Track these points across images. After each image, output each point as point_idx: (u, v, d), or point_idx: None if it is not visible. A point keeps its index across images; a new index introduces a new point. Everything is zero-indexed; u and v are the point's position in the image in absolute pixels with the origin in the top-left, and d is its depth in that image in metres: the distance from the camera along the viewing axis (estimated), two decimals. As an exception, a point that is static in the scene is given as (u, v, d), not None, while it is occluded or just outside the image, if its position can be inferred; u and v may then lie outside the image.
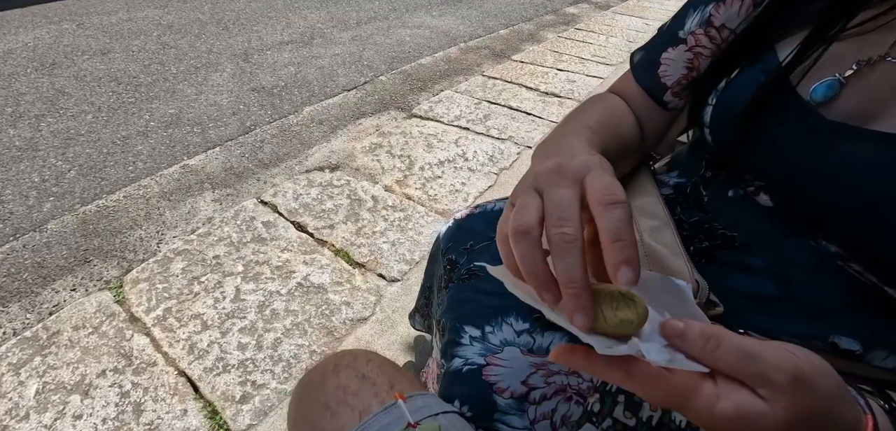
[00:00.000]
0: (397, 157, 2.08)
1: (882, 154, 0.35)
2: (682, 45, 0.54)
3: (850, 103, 0.38)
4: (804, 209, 0.41)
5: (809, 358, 0.27)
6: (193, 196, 1.80)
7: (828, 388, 0.27)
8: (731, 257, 0.45)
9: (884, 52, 0.37)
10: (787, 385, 0.25)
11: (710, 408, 0.26)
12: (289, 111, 2.51)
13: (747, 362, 0.26)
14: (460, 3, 5.37)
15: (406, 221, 1.70)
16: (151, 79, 2.79)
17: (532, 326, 0.53)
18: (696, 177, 0.52)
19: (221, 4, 4.46)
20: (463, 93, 2.83)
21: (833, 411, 0.27)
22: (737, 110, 0.44)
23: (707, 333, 0.27)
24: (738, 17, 0.50)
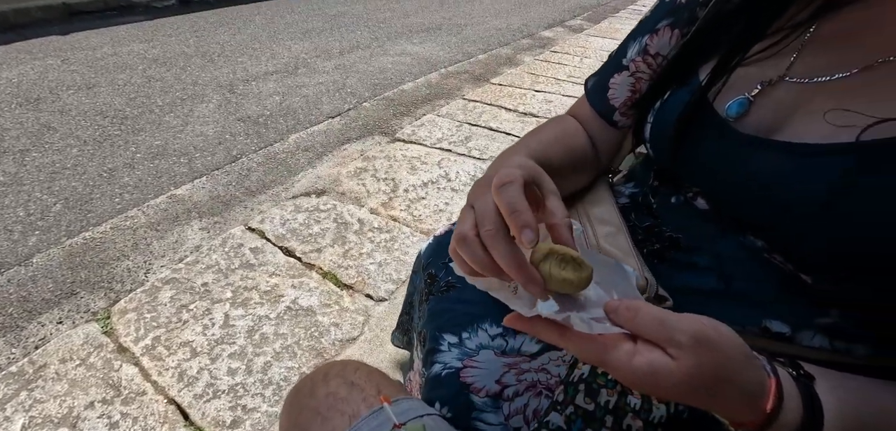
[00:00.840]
0: (382, 181, 2.10)
1: (786, 161, 0.40)
2: (626, 70, 0.60)
3: (758, 118, 0.43)
4: (732, 210, 0.45)
5: (715, 326, 0.31)
6: (181, 225, 1.78)
7: (729, 350, 0.31)
8: (678, 257, 0.49)
9: (781, 73, 0.43)
10: (690, 345, 0.29)
11: (628, 362, 0.31)
12: (274, 139, 2.52)
13: (659, 326, 0.30)
14: (440, 31, 5.47)
15: (392, 242, 1.71)
16: (137, 111, 2.77)
17: (505, 330, 0.56)
18: (646, 186, 0.56)
19: (206, 37, 4.48)
20: (444, 117, 2.88)
21: (735, 370, 0.31)
22: (669, 128, 0.49)
23: (631, 306, 0.32)
24: (668, 46, 0.56)
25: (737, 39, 0.46)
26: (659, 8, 0.58)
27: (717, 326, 0.31)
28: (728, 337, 0.31)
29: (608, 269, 0.38)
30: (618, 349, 0.31)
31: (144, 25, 4.85)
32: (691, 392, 0.30)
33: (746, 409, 0.32)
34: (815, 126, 0.39)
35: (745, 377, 0.31)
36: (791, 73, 0.43)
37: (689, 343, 0.30)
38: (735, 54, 0.46)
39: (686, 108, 0.47)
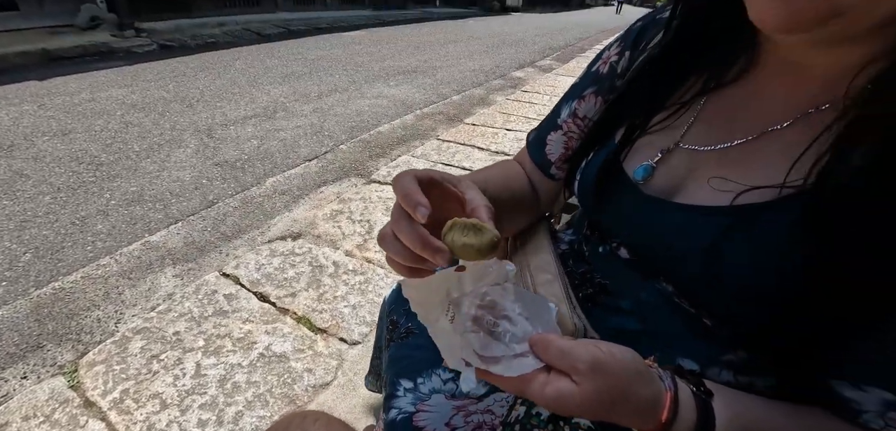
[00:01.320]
0: (357, 222, 2.11)
1: (681, 219, 0.44)
2: (560, 130, 0.65)
3: (660, 181, 0.48)
4: (646, 260, 0.50)
5: (611, 350, 0.35)
6: (154, 273, 1.76)
7: (622, 372, 0.35)
8: (607, 301, 0.53)
9: (677, 140, 0.49)
10: (587, 371, 0.34)
11: (541, 392, 0.36)
12: (252, 183, 2.52)
13: (563, 357, 0.35)
14: (416, 73, 5.59)
15: (366, 284, 1.71)
16: (113, 157, 2.74)
17: (455, 374, 0.59)
18: (581, 235, 0.61)
19: (186, 82, 4.48)
20: (419, 158, 2.93)
21: (628, 388, 0.35)
22: (591, 185, 0.54)
23: (544, 341, 0.37)
24: (593, 110, 0.62)
25: (642, 110, 0.53)
26: (586, 76, 0.64)
27: (612, 352, 0.36)
28: (621, 361, 0.36)
29: (535, 305, 0.41)
30: (534, 382, 0.36)
31: (124, 70, 4.84)
32: (593, 410, 0.35)
33: (643, 419, 0.36)
34: (702, 191, 0.44)
35: (639, 393, 0.36)
36: (684, 141, 0.48)
37: (586, 370, 0.34)
38: (641, 124, 0.52)
39: (601, 170, 0.53)
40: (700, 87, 0.49)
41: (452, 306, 0.40)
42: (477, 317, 0.39)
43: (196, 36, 6.94)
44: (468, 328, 0.39)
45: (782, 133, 0.41)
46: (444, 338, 0.39)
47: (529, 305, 0.41)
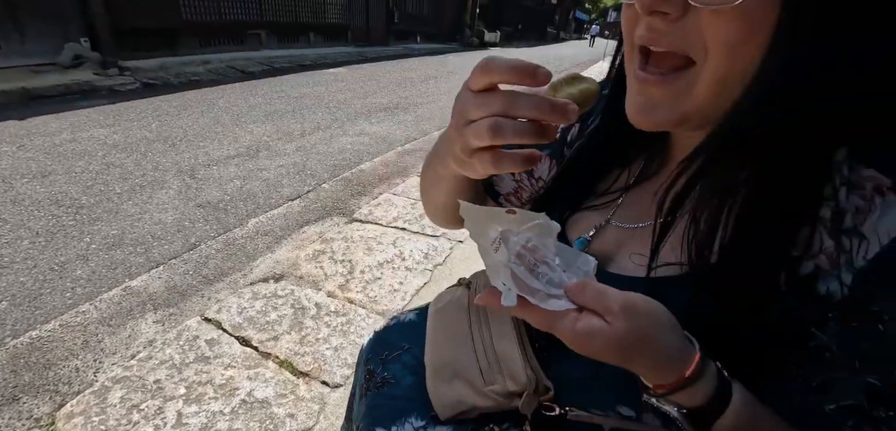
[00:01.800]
0: (339, 263, 2.13)
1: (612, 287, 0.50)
2: (509, 174, 0.67)
3: (596, 252, 0.52)
4: None
5: (646, 299, 0.37)
6: (135, 319, 1.74)
7: (656, 318, 0.37)
8: (558, 354, 0.55)
9: (608, 217, 0.54)
10: (620, 311, 0.35)
11: (572, 327, 0.36)
12: (234, 224, 2.52)
13: (597, 297, 0.36)
14: (397, 110, 5.69)
15: (348, 325, 1.72)
16: (94, 200, 2.72)
17: (428, 423, 0.61)
18: None
19: (169, 121, 4.48)
20: (400, 195, 2.97)
21: (659, 335, 0.36)
22: None
23: (581, 284, 0.38)
24: (547, 173, 0.65)
25: (580, 193, 0.58)
26: None
27: (647, 299, 0.37)
28: (656, 308, 0.37)
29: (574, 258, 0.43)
30: (565, 318, 0.36)
31: (106, 109, 4.81)
32: (620, 351, 0.36)
33: (665, 370, 0.37)
34: (627, 264, 0.49)
35: (667, 341, 0.37)
36: (614, 219, 0.54)
37: (619, 309, 0.35)
38: (580, 203, 0.58)
39: None
40: (627, 179, 0.56)
41: (501, 240, 0.41)
42: (520, 255, 0.40)
43: (180, 74, 6.94)
44: (512, 260, 0.40)
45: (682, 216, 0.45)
46: (490, 259, 0.40)
47: (568, 258, 0.43)
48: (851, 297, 0.34)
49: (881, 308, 0.33)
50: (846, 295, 0.35)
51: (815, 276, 0.36)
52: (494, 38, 21.69)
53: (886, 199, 0.34)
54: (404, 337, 0.73)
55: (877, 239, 0.34)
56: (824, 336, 0.36)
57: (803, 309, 0.36)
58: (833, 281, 0.35)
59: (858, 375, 0.34)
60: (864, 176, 0.35)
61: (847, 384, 0.35)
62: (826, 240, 0.36)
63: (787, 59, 0.34)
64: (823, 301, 0.35)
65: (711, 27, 0.35)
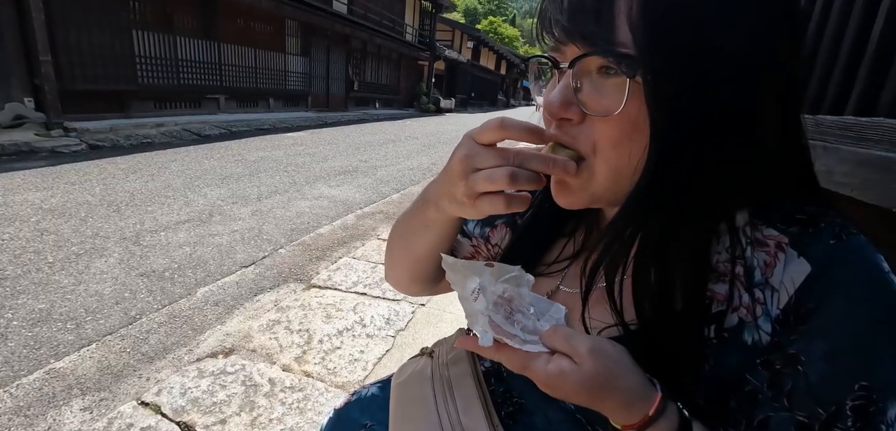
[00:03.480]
0: (296, 332, 1.98)
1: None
2: (468, 239, 0.69)
3: None
4: None
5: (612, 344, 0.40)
6: (57, 407, 1.50)
7: (621, 360, 0.39)
8: (524, 419, 0.56)
9: (558, 284, 0.57)
10: (587, 353, 0.38)
11: (544, 368, 0.39)
12: (180, 294, 2.31)
13: (566, 340, 0.39)
14: (356, 173, 5.65)
15: (305, 401, 1.57)
16: (21, 270, 2.43)
17: None
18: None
19: (115, 184, 4.19)
20: (360, 259, 2.87)
21: (624, 378, 0.39)
22: None
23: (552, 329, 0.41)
24: (504, 241, 0.68)
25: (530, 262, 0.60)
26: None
27: (613, 343, 0.40)
28: (621, 351, 0.40)
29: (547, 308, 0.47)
30: (538, 359, 0.40)
31: (45, 172, 4.45)
32: (589, 390, 0.38)
33: (629, 411, 0.39)
34: (577, 326, 0.51)
35: (630, 383, 0.39)
36: (563, 285, 0.57)
37: (587, 352, 0.38)
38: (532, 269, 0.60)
39: None
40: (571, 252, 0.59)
41: (479, 290, 0.43)
42: (497, 303, 0.43)
43: (131, 136, 6.61)
44: (490, 308, 0.42)
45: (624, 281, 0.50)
46: (469, 307, 0.43)
47: (541, 307, 0.46)
48: (772, 343, 0.38)
49: (798, 350, 0.37)
50: (767, 342, 0.39)
51: (740, 327, 0.40)
52: (450, 104, 22.48)
53: (787, 254, 0.39)
54: (367, 414, 0.69)
55: (785, 290, 0.38)
56: (755, 380, 0.39)
57: (734, 357, 0.40)
58: (755, 330, 0.39)
59: (788, 412, 0.38)
60: (766, 234, 0.41)
61: (781, 422, 0.38)
62: (743, 294, 0.40)
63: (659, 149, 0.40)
64: (750, 349, 0.39)
65: (601, 130, 0.42)
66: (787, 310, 0.38)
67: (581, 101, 0.42)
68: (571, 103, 0.43)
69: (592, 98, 0.41)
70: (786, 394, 0.38)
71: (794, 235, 0.39)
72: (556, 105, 0.43)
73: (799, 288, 0.38)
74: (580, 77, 0.42)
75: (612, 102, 0.40)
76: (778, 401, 0.38)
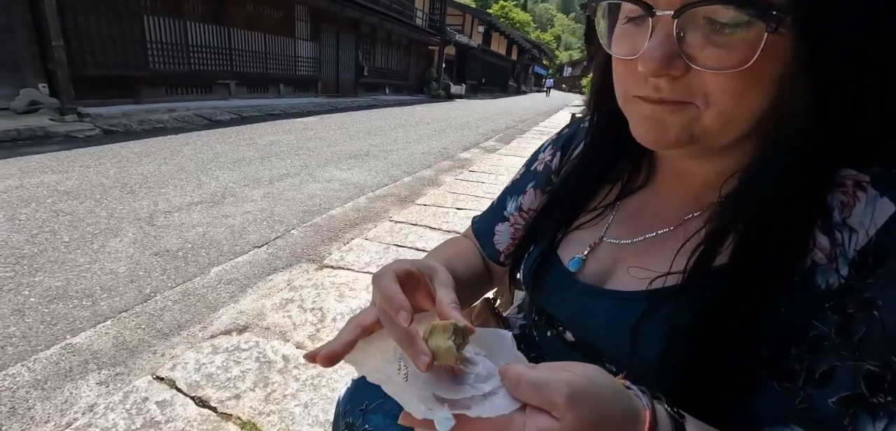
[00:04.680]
0: (309, 311, 1.97)
1: (610, 305, 0.48)
2: (507, 222, 0.69)
3: (591, 271, 0.53)
4: (588, 342, 0.52)
5: (586, 375, 0.33)
6: (73, 381, 1.51)
7: (603, 394, 0.33)
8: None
9: (601, 236, 0.54)
10: (566, 403, 0.31)
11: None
12: (194, 273, 2.32)
13: (537, 392, 0.32)
14: (367, 157, 5.63)
15: (319, 378, 1.56)
16: (37, 249, 2.46)
17: None
18: (530, 320, 0.63)
19: (128, 168, 4.22)
20: (372, 240, 2.85)
21: (611, 409, 0.33)
22: (534, 275, 0.58)
23: (512, 376, 0.33)
24: (535, 203, 0.67)
25: (571, 213, 0.59)
26: (525, 174, 0.70)
27: (588, 375, 0.33)
28: (599, 384, 0.33)
29: (490, 340, 0.40)
30: (511, 426, 0.33)
31: (60, 156, 4.50)
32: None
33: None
34: (625, 278, 0.49)
35: (621, 411, 0.34)
36: (607, 236, 0.54)
37: (564, 402, 0.31)
38: (571, 222, 0.58)
39: (540, 260, 0.57)
40: (616, 193, 0.56)
41: (403, 361, 0.37)
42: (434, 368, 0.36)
43: (144, 121, 6.66)
44: (427, 378, 0.36)
45: (679, 229, 0.47)
46: (403, 393, 0.35)
47: (484, 342, 0.40)
48: (847, 287, 0.36)
49: (874, 294, 0.35)
50: (842, 284, 0.36)
51: (812, 271, 0.38)
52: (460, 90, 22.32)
53: (869, 194, 0.37)
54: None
55: (864, 230, 0.36)
56: (822, 326, 0.37)
57: (803, 302, 0.37)
58: (830, 273, 0.37)
59: (857, 361, 0.35)
60: (844, 175, 0.39)
61: (847, 371, 0.35)
62: (820, 237, 0.38)
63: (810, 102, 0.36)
64: (821, 294, 0.37)
65: (716, 82, 0.37)
66: (864, 252, 0.36)
67: (688, 55, 0.37)
68: (675, 57, 0.38)
69: (707, 51, 0.37)
70: (856, 342, 0.35)
71: (876, 175, 0.37)
72: (657, 62, 0.38)
73: (880, 229, 0.36)
74: (686, 26, 0.37)
75: (737, 56, 0.35)
76: (846, 349, 0.35)
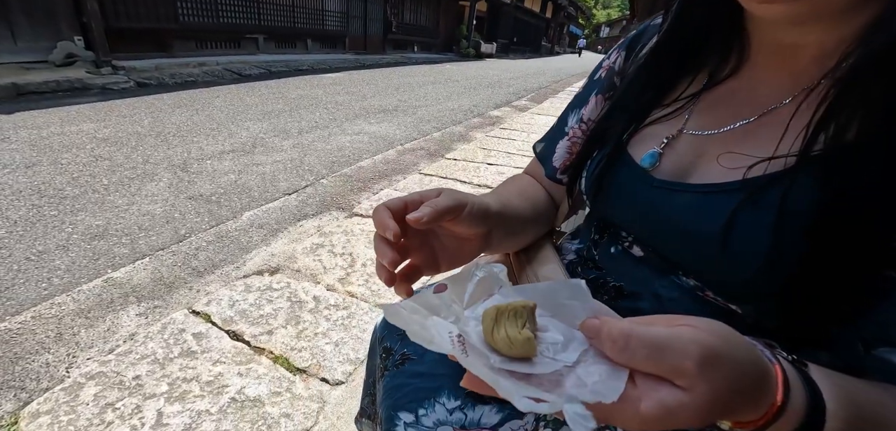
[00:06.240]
0: (339, 256, 1.98)
1: (695, 200, 0.44)
2: (566, 136, 0.66)
3: (668, 166, 0.48)
4: (662, 253, 0.48)
5: (718, 334, 0.27)
6: (115, 311, 1.57)
7: (737, 355, 0.27)
8: (624, 304, 0.50)
9: (680, 128, 0.50)
10: (699, 370, 0.25)
11: (635, 412, 0.26)
12: (227, 217, 2.36)
13: (658, 358, 0.26)
14: (396, 112, 5.57)
15: (350, 319, 1.57)
16: (79, 191, 2.55)
17: (463, 402, 0.52)
18: (589, 241, 0.59)
19: (162, 118, 4.32)
20: (402, 191, 2.83)
21: (746, 374, 0.28)
22: (598, 178, 0.54)
23: (615, 335, 0.27)
24: (597, 111, 0.64)
25: (644, 106, 0.54)
26: (589, 85, 0.67)
27: (719, 333, 0.27)
28: (727, 340, 0.28)
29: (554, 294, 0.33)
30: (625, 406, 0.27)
31: (97, 106, 4.64)
32: (711, 415, 0.27)
33: (757, 406, 0.29)
34: (713, 170, 0.44)
35: (755, 373, 0.28)
36: (687, 128, 0.49)
37: (697, 369, 0.26)
38: (644, 117, 0.53)
39: (605, 163, 0.53)
40: (698, 85, 0.51)
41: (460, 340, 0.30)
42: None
43: (175, 74, 6.78)
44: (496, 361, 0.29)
45: (782, 110, 0.42)
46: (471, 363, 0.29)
47: (546, 298, 0.33)
48: None
49: None
50: None
51: None
52: (490, 49, 21.74)
53: None
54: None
55: None
56: None
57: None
58: None
59: None
60: None
61: None
62: None
63: None
64: None
65: None
66: None
67: None
68: None
69: None
70: None
71: None
72: None
73: None
74: None
75: None
76: None
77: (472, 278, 0.35)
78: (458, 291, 0.35)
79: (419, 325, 0.31)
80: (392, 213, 0.43)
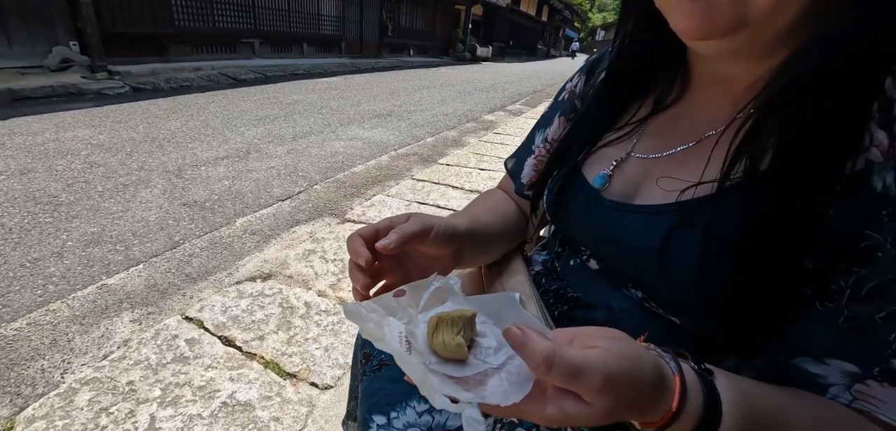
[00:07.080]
0: (331, 261, 2.02)
1: (638, 220, 0.47)
2: (532, 155, 0.70)
3: (617, 187, 0.52)
4: (614, 266, 0.51)
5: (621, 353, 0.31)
6: (109, 318, 1.61)
7: (638, 371, 0.31)
8: (581, 314, 0.54)
9: (629, 151, 0.53)
10: (600, 393, 0.30)
11: (541, 412, 0.32)
12: (221, 223, 2.39)
13: (572, 382, 0.30)
14: (390, 117, 5.61)
15: (339, 324, 1.61)
16: (74, 197, 2.58)
17: (432, 406, 0.55)
18: (553, 253, 0.63)
19: (157, 124, 4.34)
20: (394, 197, 2.87)
21: (641, 390, 0.32)
22: (557, 195, 0.58)
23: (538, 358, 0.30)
24: (559, 132, 0.68)
25: (598, 129, 0.58)
26: (553, 106, 0.71)
27: (625, 355, 0.31)
28: (636, 361, 0.32)
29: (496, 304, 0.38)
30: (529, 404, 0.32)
31: (93, 111, 4.66)
32: (609, 420, 0.31)
33: (654, 412, 0.33)
34: (654, 192, 0.47)
35: (649, 385, 0.32)
36: (635, 152, 0.53)
37: (599, 392, 0.30)
38: (598, 139, 0.57)
39: (563, 181, 0.57)
40: (646, 111, 0.55)
41: (406, 339, 0.35)
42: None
43: (171, 79, 6.80)
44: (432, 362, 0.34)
45: (716, 137, 0.45)
46: (408, 365, 0.33)
47: (489, 308, 0.38)
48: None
49: None
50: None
51: (867, 172, 0.34)
52: (486, 52, 21.83)
53: None
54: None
55: None
56: (877, 234, 0.34)
57: (857, 208, 0.35)
58: (888, 172, 0.34)
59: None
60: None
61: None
62: (877, 132, 0.34)
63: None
64: (878, 198, 0.34)
65: None
66: None
67: None
68: None
69: None
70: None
71: None
72: None
73: None
74: None
75: None
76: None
77: (429, 287, 0.40)
78: (416, 297, 0.39)
79: (375, 324, 0.36)
80: (364, 241, 0.47)
